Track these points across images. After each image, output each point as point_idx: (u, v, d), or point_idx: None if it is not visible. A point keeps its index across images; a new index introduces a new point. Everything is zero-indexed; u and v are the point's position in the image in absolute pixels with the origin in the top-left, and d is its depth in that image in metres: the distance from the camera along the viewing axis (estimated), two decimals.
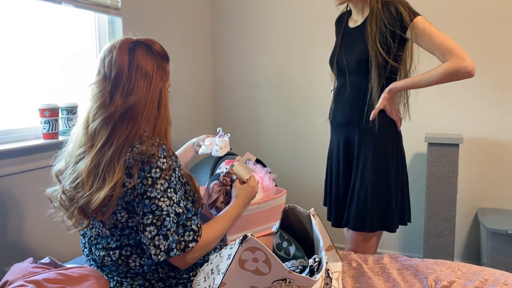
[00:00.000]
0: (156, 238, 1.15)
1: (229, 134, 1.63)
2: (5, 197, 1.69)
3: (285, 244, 1.25)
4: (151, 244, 1.15)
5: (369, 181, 1.67)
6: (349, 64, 1.70)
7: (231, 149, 1.63)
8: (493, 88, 2.53)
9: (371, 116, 1.65)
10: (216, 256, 1.13)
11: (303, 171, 3.01)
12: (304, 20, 2.90)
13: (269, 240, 1.34)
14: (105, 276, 1.26)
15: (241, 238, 1.01)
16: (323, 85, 2.84)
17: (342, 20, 1.85)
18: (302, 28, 2.91)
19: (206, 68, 3.15)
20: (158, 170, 1.16)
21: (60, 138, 1.90)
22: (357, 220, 1.69)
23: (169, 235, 1.16)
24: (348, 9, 1.85)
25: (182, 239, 1.17)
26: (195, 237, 1.20)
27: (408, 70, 1.69)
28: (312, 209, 1.25)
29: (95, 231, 1.27)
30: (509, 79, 2.49)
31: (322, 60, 2.81)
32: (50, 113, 1.84)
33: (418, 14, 1.59)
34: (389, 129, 1.69)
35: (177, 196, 1.20)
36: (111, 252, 1.23)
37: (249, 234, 1.01)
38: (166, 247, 1.15)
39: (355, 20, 1.76)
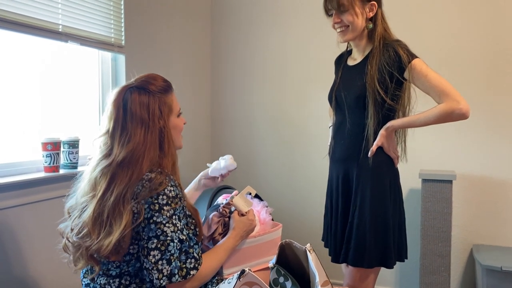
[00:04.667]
0: (160, 262, 1.17)
1: (230, 155, 1.66)
2: (5, 230, 1.70)
3: (281, 279, 1.26)
4: (154, 268, 1.17)
5: (368, 217, 1.67)
6: (347, 101, 1.74)
7: (235, 168, 1.65)
8: (485, 125, 2.59)
9: (369, 153, 1.68)
10: None
11: (298, 205, 3.03)
12: (302, 57, 2.99)
13: (265, 275, 1.35)
14: None
15: (239, 272, 1.03)
16: (318, 121, 2.91)
17: (341, 59, 1.91)
18: (299, 65, 3.00)
19: (204, 104, 3.22)
20: (165, 197, 1.20)
21: (61, 171, 1.93)
22: (356, 255, 1.68)
23: (172, 261, 1.18)
24: (348, 49, 1.90)
25: (184, 265, 1.20)
26: (196, 265, 1.22)
27: (405, 109, 1.72)
28: (308, 244, 1.27)
29: None
30: (501, 116, 2.55)
31: (319, 97, 2.89)
32: (52, 147, 1.87)
33: (416, 57, 1.63)
34: (387, 166, 1.72)
35: (181, 224, 1.23)
36: (111, 280, 1.25)
37: (247, 269, 1.03)
38: (168, 272, 1.18)
39: (355, 59, 1.80)
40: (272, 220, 1.69)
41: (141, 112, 1.25)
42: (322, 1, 1.73)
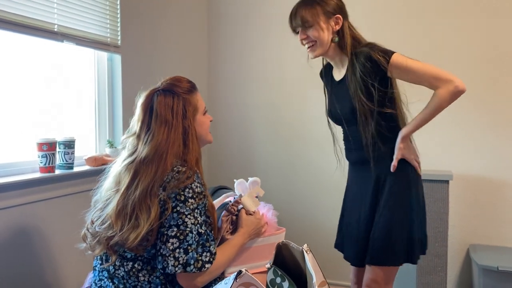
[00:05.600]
0: (177, 250, 1.23)
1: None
2: (1, 231, 1.70)
3: (278, 280, 1.26)
4: (171, 255, 1.22)
5: (393, 215, 1.66)
6: (344, 116, 1.73)
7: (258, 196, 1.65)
8: (482, 126, 2.60)
9: (391, 168, 1.66)
10: None
11: (297, 206, 3.03)
12: (299, 57, 2.99)
13: (264, 278, 1.35)
14: None
15: (236, 273, 1.02)
16: (316, 121, 2.91)
17: (327, 73, 1.87)
18: (296, 65, 3.00)
19: None
20: (191, 191, 1.27)
21: (57, 172, 1.92)
22: (383, 255, 1.66)
23: (189, 251, 1.24)
24: (325, 63, 1.88)
25: (200, 258, 1.25)
26: (211, 259, 1.28)
27: (401, 106, 1.71)
28: (305, 245, 1.27)
29: None
30: (498, 117, 2.56)
31: (316, 97, 2.89)
32: (48, 147, 1.86)
33: (392, 53, 1.60)
34: (404, 159, 1.70)
35: (201, 219, 1.29)
36: (124, 263, 1.29)
37: (243, 270, 1.02)
38: (184, 261, 1.23)
39: (339, 71, 1.78)
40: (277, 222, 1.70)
41: (166, 113, 1.34)
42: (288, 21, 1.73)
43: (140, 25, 2.50)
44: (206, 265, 1.25)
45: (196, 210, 1.27)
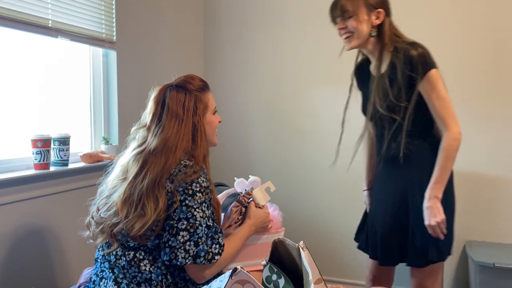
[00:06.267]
0: (188, 243, 1.25)
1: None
2: None
3: (274, 277, 1.25)
4: (182, 248, 1.25)
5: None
6: (379, 111, 1.70)
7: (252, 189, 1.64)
8: (479, 122, 2.60)
9: (438, 236, 1.62)
10: None
11: (294, 205, 3.02)
12: (296, 53, 2.98)
13: (260, 276, 1.35)
14: (112, 280, 1.32)
15: (231, 270, 1.02)
16: (313, 119, 2.90)
17: (363, 70, 1.85)
18: (293, 61, 2.99)
19: None
20: (198, 185, 1.30)
21: (52, 168, 1.90)
22: (432, 252, 1.66)
23: (200, 243, 1.27)
24: (361, 58, 1.86)
25: (210, 250, 1.29)
26: (220, 251, 1.31)
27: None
28: (302, 242, 1.26)
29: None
30: (494, 113, 2.56)
31: (313, 94, 2.89)
32: (42, 144, 1.85)
33: (433, 67, 1.59)
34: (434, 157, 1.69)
35: (209, 212, 1.32)
36: (126, 252, 1.31)
37: (239, 267, 1.02)
38: (194, 253, 1.26)
39: (377, 66, 1.74)
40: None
41: (177, 107, 1.37)
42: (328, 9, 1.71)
43: (135, 21, 2.48)
44: (216, 257, 1.29)
45: (204, 204, 1.30)
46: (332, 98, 2.85)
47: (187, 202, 1.27)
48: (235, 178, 1.69)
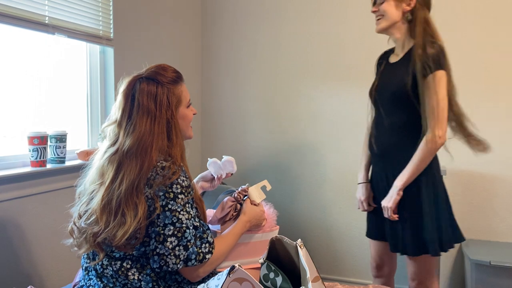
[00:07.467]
0: (177, 248, 1.21)
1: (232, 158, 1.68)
2: None
3: (272, 275, 1.25)
4: (172, 254, 1.20)
5: (431, 204, 1.72)
6: (384, 97, 1.79)
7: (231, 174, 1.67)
8: (475, 121, 2.60)
9: (390, 218, 1.73)
10: (204, 287, 1.13)
11: (290, 203, 3.02)
12: (294, 51, 2.98)
13: (257, 273, 1.35)
14: None
15: (229, 268, 1.02)
16: (310, 116, 2.90)
17: (384, 58, 1.93)
18: (291, 59, 2.98)
19: (194, 98, 3.19)
20: (179, 186, 1.23)
21: (48, 166, 1.90)
22: (420, 244, 1.72)
23: (189, 247, 1.22)
24: (389, 48, 1.93)
25: (200, 250, 1.25)
26: (211, 249, 1.27)
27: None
28: (299, 240, 1.26)
29: None
30: (491, 112, 2.57)
31: (311, 92, 2.88)
32: (39, 141, 1.84)
33: (442, 68, 1.65)
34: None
35: (194, 212, 1.27)
36: (113, 262, 1.26)
37: (236, 265, 1.02)
38: (185, 257, 1.22)
39: (397, 55, 1.83)
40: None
41: (148, 102, 1.27)
42: None
43: (133, 18, 2.47)
44: (207, 256, 1.26)
45: (187, 205, 1.25)
46: (329, 96, 2.85)
47: (170, 206, 1.21)
48: (208, 158, 1.66)
